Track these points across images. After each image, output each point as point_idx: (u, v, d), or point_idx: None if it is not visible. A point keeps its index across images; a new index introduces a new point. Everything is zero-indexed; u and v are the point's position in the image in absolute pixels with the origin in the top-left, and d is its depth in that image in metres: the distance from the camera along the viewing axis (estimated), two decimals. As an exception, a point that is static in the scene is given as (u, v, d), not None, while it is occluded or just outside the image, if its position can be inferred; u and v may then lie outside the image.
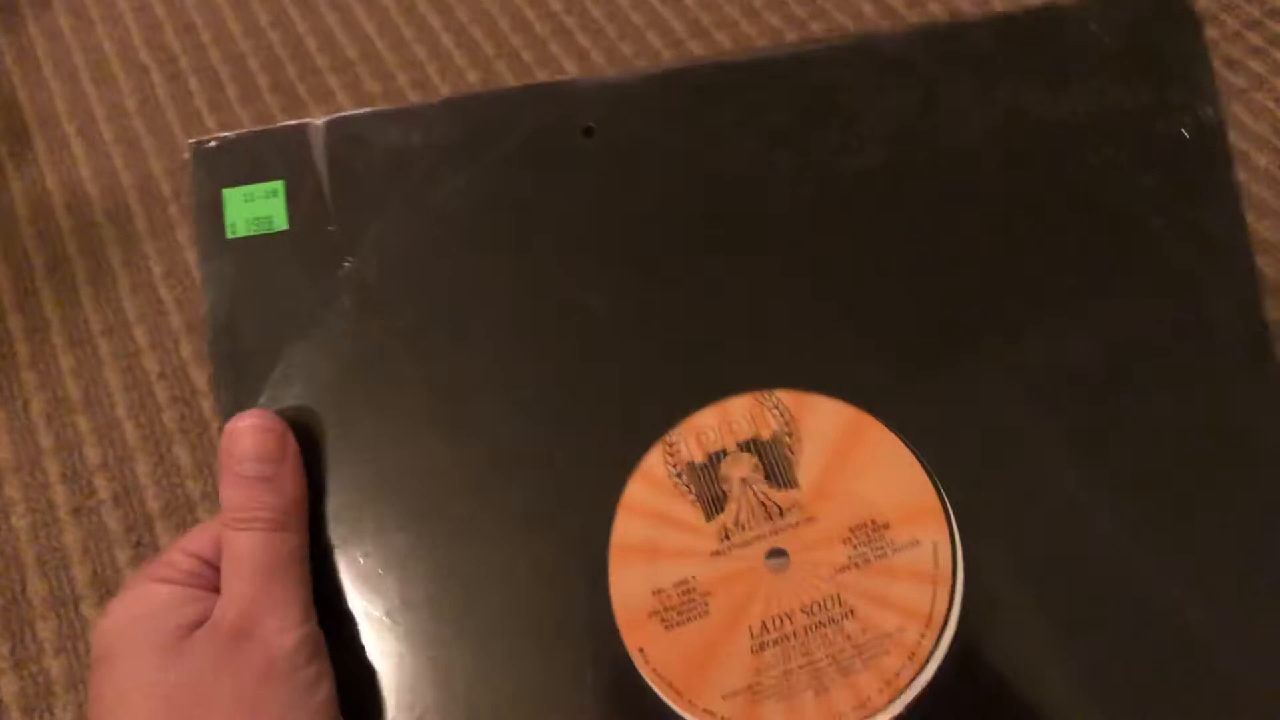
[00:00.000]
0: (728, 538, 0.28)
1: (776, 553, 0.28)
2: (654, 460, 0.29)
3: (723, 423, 0.29)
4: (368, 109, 0.31)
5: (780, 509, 0.28)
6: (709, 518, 0.28)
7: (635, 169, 0.30)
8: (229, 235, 0.30)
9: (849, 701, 0.27)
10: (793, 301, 0.30)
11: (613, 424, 0.29)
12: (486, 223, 0.30)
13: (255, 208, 0.30)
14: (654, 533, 0.28)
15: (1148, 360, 0.29)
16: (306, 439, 0.29)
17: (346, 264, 0.30)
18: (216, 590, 0.27)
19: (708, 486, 0.28)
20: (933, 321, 0.29)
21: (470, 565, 0.28)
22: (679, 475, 0.28)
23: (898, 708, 0.27)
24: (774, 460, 0.29)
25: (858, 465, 0.29)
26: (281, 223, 0.30)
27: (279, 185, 0.30)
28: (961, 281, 0.30)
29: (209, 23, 0.67)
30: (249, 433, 0.28)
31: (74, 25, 0.68)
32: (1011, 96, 0.30)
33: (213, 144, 0.31)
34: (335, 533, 0.29)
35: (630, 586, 0.28)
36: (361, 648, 0.28)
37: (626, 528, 0.28)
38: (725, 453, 0.29)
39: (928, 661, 0.27)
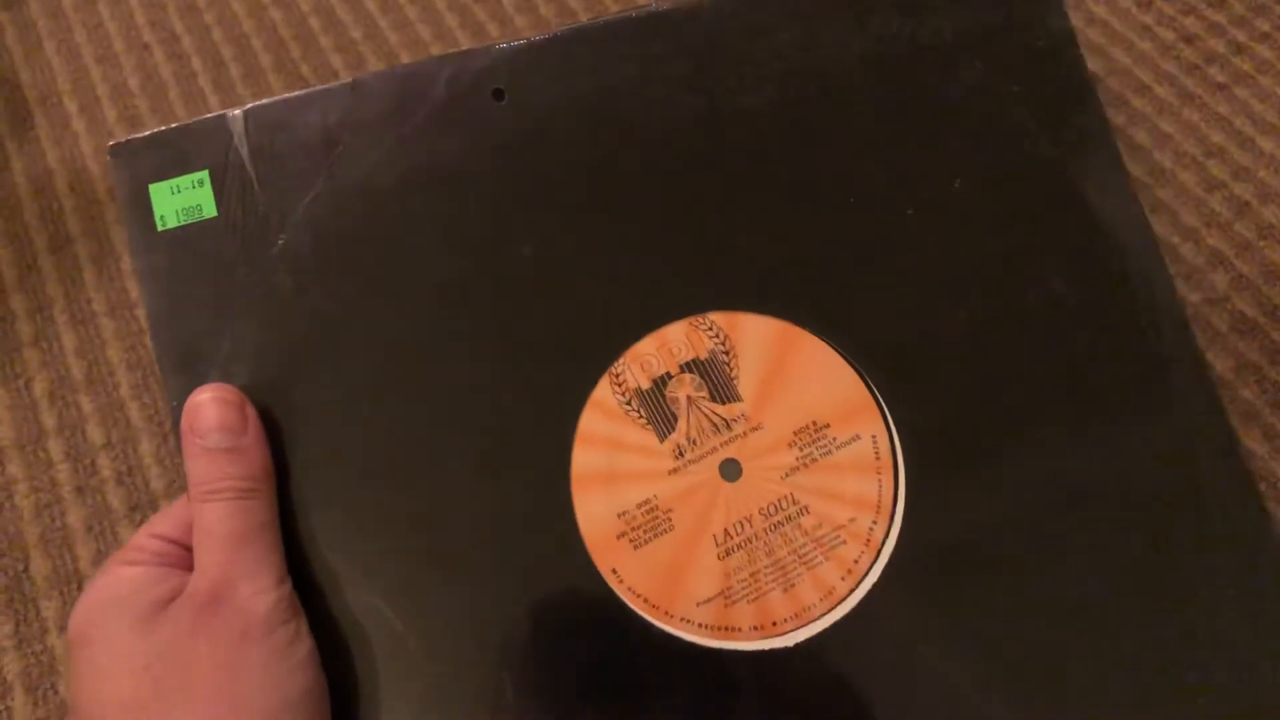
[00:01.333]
0: (681, 455, 0.30)
1: (729, 463, 0.30)
2: (602, 391, 0.30)
3: (662, 348, 0.30)
4: (282, 95, 0.31)
5: (727, 422, 0.30)
6: (662, 438, 0.30)
7: (548, 126, 0.32)
8: (160, 228, 0.31)
9: (815, 593, 0.29)
10: (712, 231, 0.31)
11: (559, 362, 0.30)
12: (411, 190, 0.31)
13: (183, 199, 0.31)
14: (611, 459, 0.30)
15: (1034, 234, 0.32)
16: (262, 413, 0.30)
17: (280, 241, 0.31)
18: (186, 567, 0.28)
19: (657, 409, 0.30)
20: (841, 234, 0.31)
21: (437, 515, 0.29)
22: (628, 402, 0.30)
23: (861, 592, 0.29)
24: (715, 377, 0.30)
25: (792, 373, 0.30)
26: (210, 210, 0.31)
27: (204, 175, 0.31)
28: (862, 196, 0.31)
29: (212, 2, 0.67)
30: (209, 405, 0.28)
31: (76, 3, 0.67)
32: (883, 25, 0.32)
33: (133, 142, 0.31)
34: (300, 499, 0.29)
35: (595, 512, 0.29)
36: (338, 607, 0.29)
37: (584, 458, 0.29)
38: (669, 375, 0.30)
39: (883, 546, 0.29)
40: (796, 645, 0.29)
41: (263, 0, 0.67)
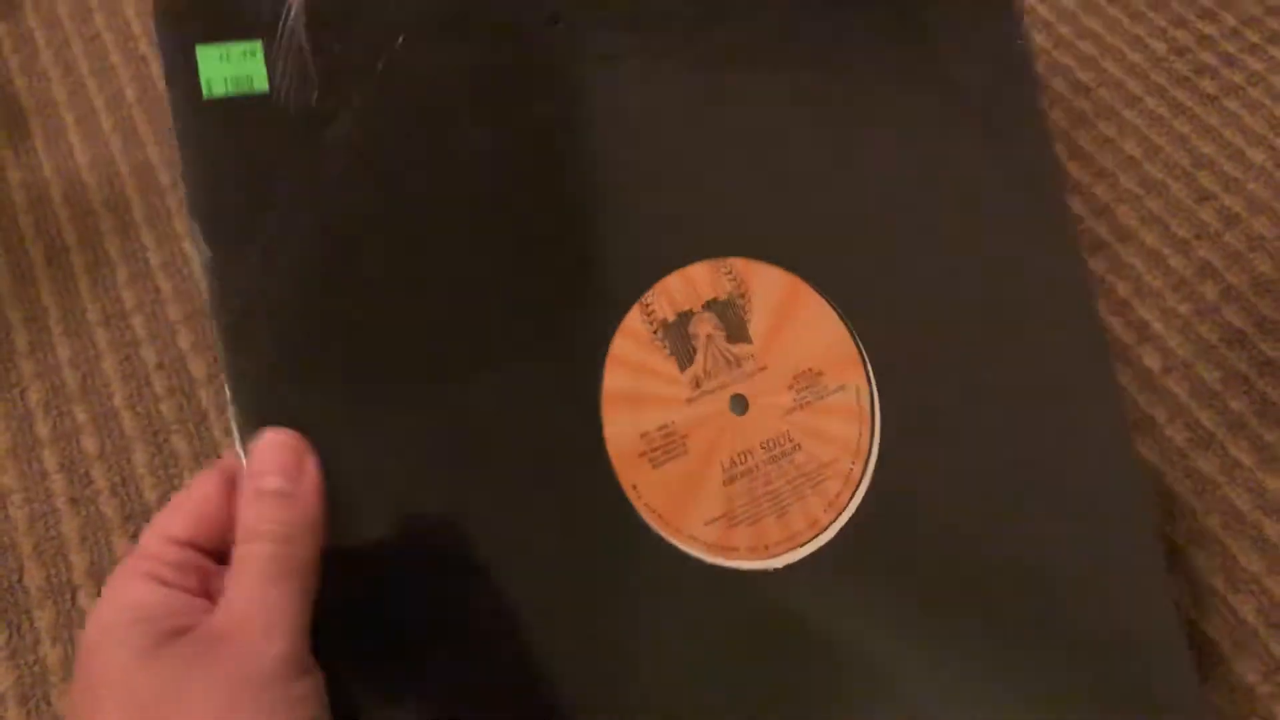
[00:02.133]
0: (698, 386, 0.32)
1: (738, 398, 0.33)
2: (634, 318, 0.32)
3: (687, 286, 0.33)
4: None
5: (739, 360, 0.33)
6: (682, 369, 0.32)
7: (604, 54, 0.33)
8: (205, 94, 0.29)
9: (802, 521, 0.32)
10: (744, 183, 0.34)
11: (597, 287, 0.32)
12: (466, 101, 0.32)
13: (232, 66, 0.29)
14: (638, 382, 0.32)
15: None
16: (290, 304, 0.29)
17: (329, 129, 0.30)
18: (205, 591, 0.27)
19: (680, 342, 0.32)
20: (854, 201, 0.35)
21: (472, 422, 0.30)
22: (655, 331, 0.32)
23: (840, 523, 0.32)
24: (731, 318, 0.33)
25: (796, 322, 0.34)
26: (262, 84, 0.29)
27: (257, 45, 0.30)
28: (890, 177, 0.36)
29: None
30: (271, 448, 0.28)
31: (72, 14, 0.67)
32: None
33: (181, 1, 0.30)
34: (339, 406, 0.29)
35: (621, 430, 0.31)
36: (377, 514, 0.29)
37: (615, 378, 0.32)
38: (692, 312, 0.33)
39: (859, 484, 0.33)
40: (786, 566, 0.32)
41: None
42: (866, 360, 0.34)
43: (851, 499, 0.33)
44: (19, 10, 0.69)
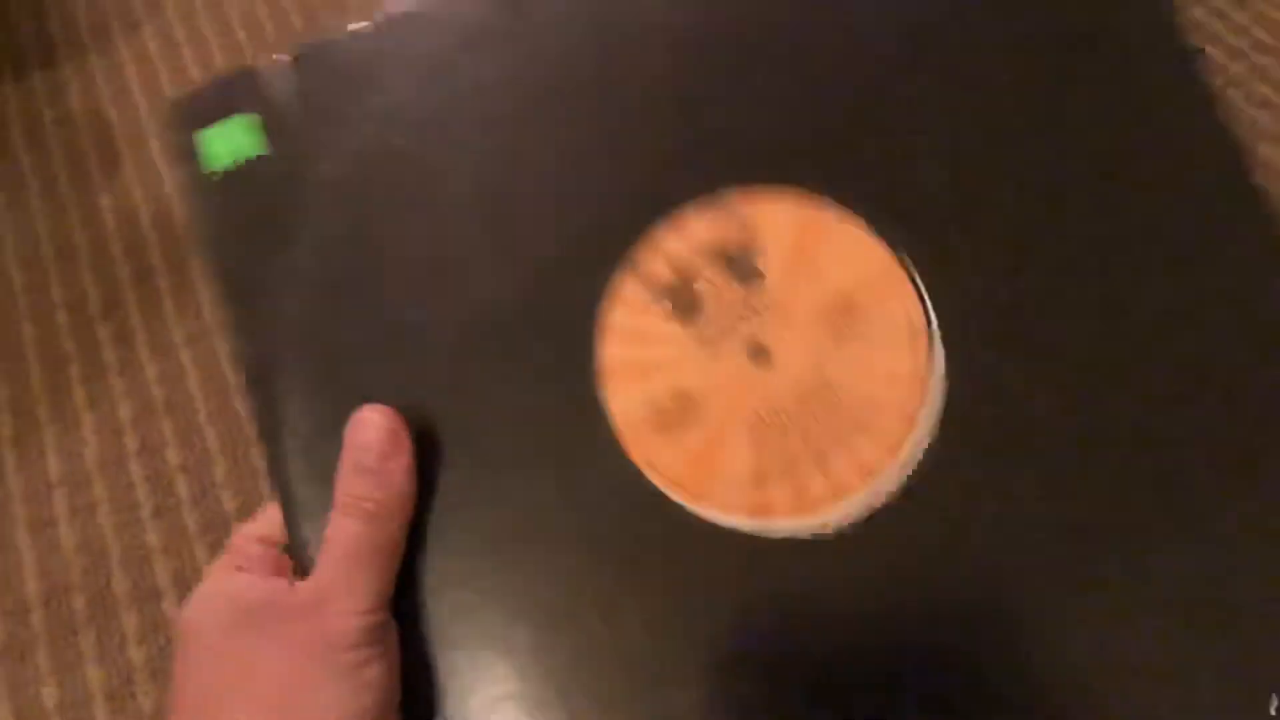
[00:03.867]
0: (709, 342, 0.29)
1: (757, 347, 0.29)
2: (625, 282, 0.30)
3: (682, 235, 0.30)
4: (327, 37, 0.32)
5: (753, 305, 0.29)
6: (687, 326, 0.29)
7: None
8: (208, 169, 0.32)
9: (853, 471, 0.28)
10: (727, 100, 0.31)
11: (578, 253, 0.30)
12: (441, 113, 0.31)
13: (231, 141, 0.31)
14: (639, 350, 0.29)
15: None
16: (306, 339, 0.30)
17: (325, 172, 0.31)
18: (282, 572, 0.29)
19: (680, 297, 0.30)
20: (862, 99, 0.30)
21: (465, 408, 0.30)
22: (651, 293, 0.30)
23: (898, 468, 0.28)
24: (738, 260, 0.30)
25: (816, 250, 0.30)
26: (260, 148, 0.32)
27: (256, 118, 0.32)
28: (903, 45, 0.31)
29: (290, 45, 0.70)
30: (370, 424, 0.29)
31: (161, 48, 0.71)
32: None
33: (182, 98, 0.32)
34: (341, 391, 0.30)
35: (627, 404, 0.29)
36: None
37: (612, 350, 0.29)
38: (690, 263, 0.30)
39: (919, 420, 0.28)
40: (836, 526, 0.28)
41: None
42: (914, 274, 0.29)
43: (910, 435, 0.28)
44: (111, 43, 0.73)
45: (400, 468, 0.29)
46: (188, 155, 0.32)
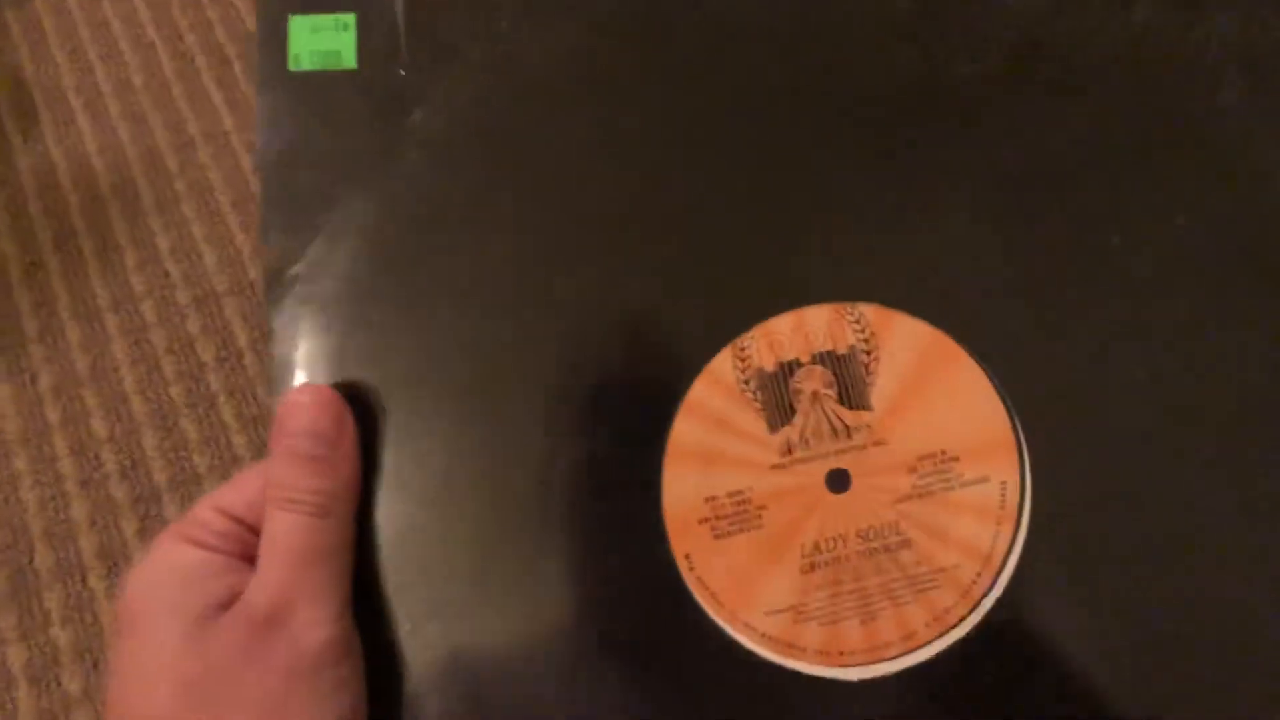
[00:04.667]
0: (790, 452, 0.27)
1: (839, 473, 0.27)
2: (723, 362, 0.28)
3: (799, 331, 0.28)
4: None
5: (849, 429, 0.27)
6: (773, 429, 0.27)
7: (737, 47, 0.29)
8: (291, 67, 0.29)
9: (896, 632, 0.27)
10: (890, 212, 0.29)
11: (684, 318, 0.28)
12: (570, 84, 0.29)
13: (322, 39, 0.29)
14: (714, 438, 0.27)
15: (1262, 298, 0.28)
16: (347, 303, 0.28)
17: (415, 114, 0.29)
18: (249, 559, 0.26)
19: (776, 396, 0.28)
20: (1035, 246, 0.28)
21: (512, 453, 0.27)
22: (747, 381, 0.28)
23: (944, 644, 0.26)
24: (848, 377, 0.28)
25: (934, 391, 0.28)
26: (350, 60, 0.29)
27: (350, 18, 0.29)
28: (1070, 211, 0.28)
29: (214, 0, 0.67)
30: (307, 408, 0.27)
31: (81, 2, 0.67)
32: (1147, 14, 0.29)
33: None
34: (386, 402, 0.28)
35: (683, 490, 0.27)
36: (393, 528, 0.27)
37: (687, 429, 0.27)
38: (799, 363, 0.28)
39: (980, 602, 0.27)
40: (861, 682, 0.26)
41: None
42: (1024, 449, 0.27)
43: (967, 617, 0.26)
44: (28, -3, 0.69)
45: (344, 456, 0.27)
46: (271, 37, 0.29)
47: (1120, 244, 0.28)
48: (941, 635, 0.26)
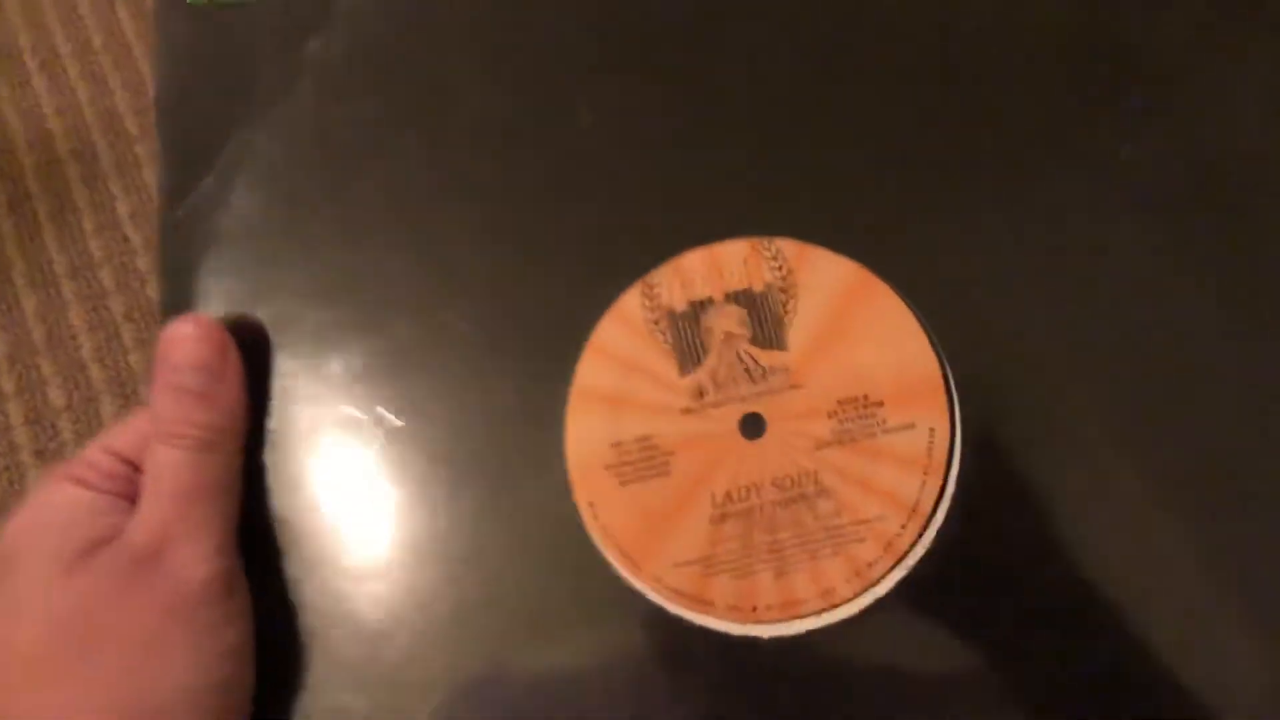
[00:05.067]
0: (702, 395, 0.26)
1: (753, 418, 0.26)
2: (631, 300, 0.26)
3: (712, 268, 0.26)
4: None
5: (764, 371, 0.26)
6: (684, 372, 0.26)
7: None
8: (190, 0, 0.29)
9: (812, 588, 0.25)
10: (808, 142, 0.27)
11: (590, 254, 0.27)
12: (469, 10, 0.28)
13: None
14: (621, 380, 0.26)
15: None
16: (247, 241, 0.27)
17: (311, 43, 0.28)
18: (134, 498, 0.26)
19: (687, 337, 0.26)
20: (965, 176, 0.27)
21: (413, 388, 0.26)
22: (656, 321, 0.26)
23: (865, 601, 0.25)
24: (764, 316, 0.26)
25: (856, 330, 0.26)
26: None
27: None
28: (1000, 134, 0.27)
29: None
30: (189, 341, 0.26)
31: (39, -39, 0.66)
32: None
33: None
34: (281, 332, 0.27)
35: (588, 434, 0.26)
36: (286, 470, 0.27)
37: (592, 370, 0.26)
38: (711, 301, 0.26)
39: (905, 556, 0.25)
40: (771, 638, 0.25)
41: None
42: (954, 393, 0.25)
43: (890, 572, 0.25)
44: (-14, -41, 0.67)
45: (229, 389, 0.26)
46: None
47: (1058, 171, 0.26)
48: (863, 592, 0.25)
